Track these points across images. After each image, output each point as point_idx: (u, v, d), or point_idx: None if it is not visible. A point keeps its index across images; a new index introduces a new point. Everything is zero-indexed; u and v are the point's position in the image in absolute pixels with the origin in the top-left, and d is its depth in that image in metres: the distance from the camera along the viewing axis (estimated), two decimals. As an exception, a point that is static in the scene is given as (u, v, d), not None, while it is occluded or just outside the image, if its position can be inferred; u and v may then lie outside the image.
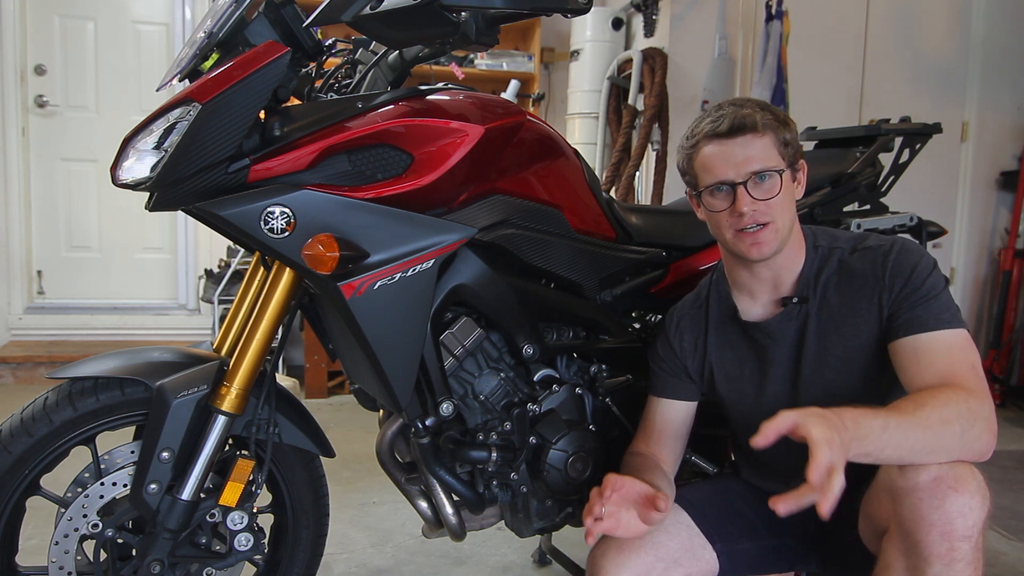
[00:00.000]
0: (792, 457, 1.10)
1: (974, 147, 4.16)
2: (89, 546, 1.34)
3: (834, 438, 0.93)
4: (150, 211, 1.25)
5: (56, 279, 4.32)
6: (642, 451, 1.39)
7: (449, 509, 1.47)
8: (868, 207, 1.91)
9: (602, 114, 3.89)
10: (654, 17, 3.75)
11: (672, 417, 1.41)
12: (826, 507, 0.90)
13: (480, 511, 1.48)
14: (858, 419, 0.99)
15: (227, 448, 1.42)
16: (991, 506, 1.04)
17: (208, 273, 3.97)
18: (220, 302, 3.78)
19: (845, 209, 1.87)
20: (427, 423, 1.37)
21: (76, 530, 1.31)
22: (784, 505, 0.92)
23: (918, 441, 1.02)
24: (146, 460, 1.27)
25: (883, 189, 1.92)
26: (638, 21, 3.87)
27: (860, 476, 1.18)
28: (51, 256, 4.31)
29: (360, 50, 1.57)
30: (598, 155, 3.90)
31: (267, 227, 1.18)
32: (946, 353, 1.15)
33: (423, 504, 1.53)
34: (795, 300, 1.29)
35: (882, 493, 1.10)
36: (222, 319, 2.19)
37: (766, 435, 0.95)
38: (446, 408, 1.36)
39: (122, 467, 1.34)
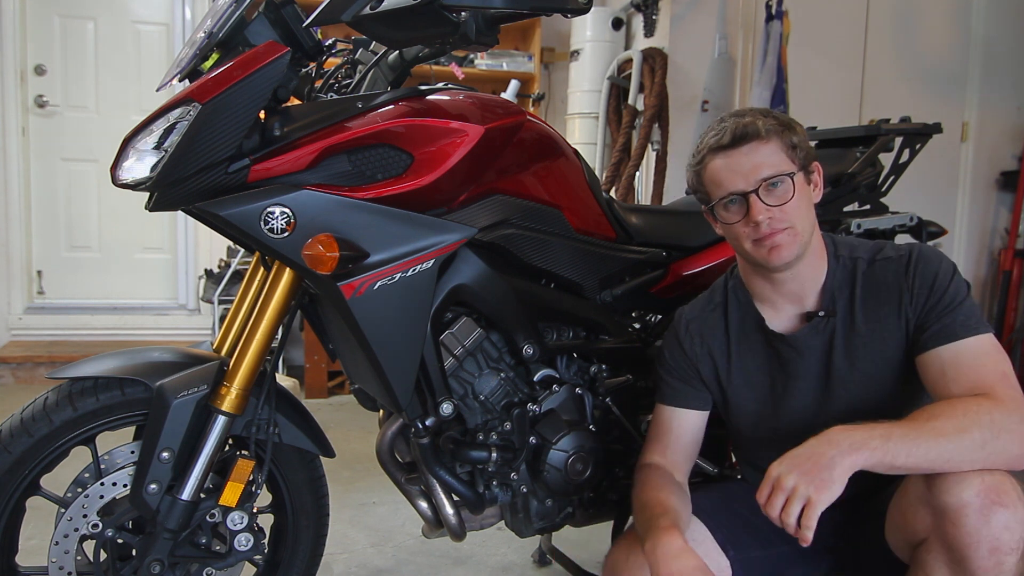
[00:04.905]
0: None
1: (974, 147, 4.15)
2: (89, 546, 1.34)
3: (784, 471, 1.05)
4: (150, 211, 1.25)
5: (56, 279, 4.31)
6: (657, 463, 1.36)
7: (449, 509, 1.47)
8: (868, 207, 1.91)
9: (602, 114, 3.89)
10: (654, 17, 3.75)
11: (686, 428, 1.39)
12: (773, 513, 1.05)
13: (480, 511, 1.48)
14: (851, 433, 1.04)
15: (227, 448, 1.41)
16: None
17: (208, 273, 3.97)
18: (220, 302, 3.77)
19: (845, 209, 1.87)
20: (427, 423, 1.37)
21: (76, 530, 1.31)
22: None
23: (931, 451, 1.02)
24: (146, 460, 1.27)
25: (883, 189, 1.92)
26: (638, 21, 3.87)
27: (876, 485, 1.17)
28: (51, 256, 4.31)
29: (360, 50, 1.58)
30: (598, 155, 3.89)
31: (267, 227, 1.18)
32: (974, 363, 1.13)
33: (423, 504, 1.53)
34: (821, 314, 1.27)
35: (917, 504, 1.08)
36: (222, 319, 2.19)
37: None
38: (446, 408, 1.36)
39: (122, 467, 1.34)
